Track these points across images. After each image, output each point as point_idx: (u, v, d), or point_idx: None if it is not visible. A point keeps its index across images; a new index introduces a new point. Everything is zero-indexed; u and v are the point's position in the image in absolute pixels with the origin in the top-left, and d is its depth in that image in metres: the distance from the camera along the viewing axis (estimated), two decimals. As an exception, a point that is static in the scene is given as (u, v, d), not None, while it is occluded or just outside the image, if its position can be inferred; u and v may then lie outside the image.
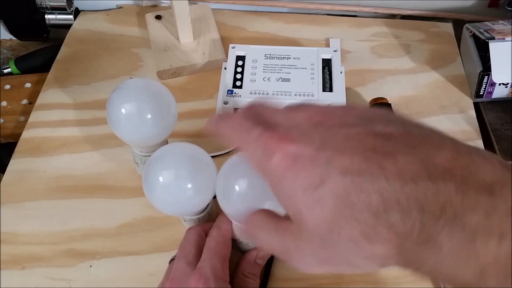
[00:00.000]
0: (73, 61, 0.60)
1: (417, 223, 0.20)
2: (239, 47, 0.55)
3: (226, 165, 0.34)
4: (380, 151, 0.21)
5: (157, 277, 0.42)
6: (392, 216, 0.20)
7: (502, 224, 0.19)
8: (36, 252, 0.44)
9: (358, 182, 0.21)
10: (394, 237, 0.21)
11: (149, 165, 0.37)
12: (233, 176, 0.33)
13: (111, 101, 0.40)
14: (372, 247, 0.21)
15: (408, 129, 0.23)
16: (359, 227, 0.21)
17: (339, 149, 0.22)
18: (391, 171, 0.21)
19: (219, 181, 0.34)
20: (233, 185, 0.32)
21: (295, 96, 0.50)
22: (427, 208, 0.20)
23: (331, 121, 0.24)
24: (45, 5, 0.63)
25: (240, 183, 0.32)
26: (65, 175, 0.49)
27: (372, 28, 0.63)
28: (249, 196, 0.31)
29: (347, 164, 0.21)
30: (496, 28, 0.53)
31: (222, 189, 0.34)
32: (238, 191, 0.32)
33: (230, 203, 0.33)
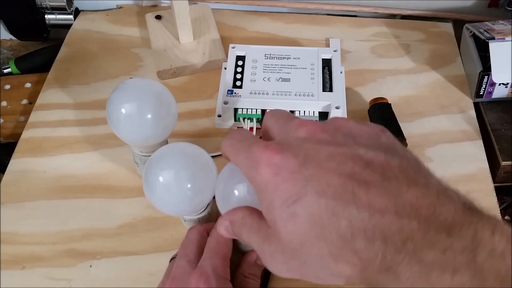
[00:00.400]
0: (73, 61, 0.60)
1: (380, 253, 0.22)
2: (239, 47, 0.55)
3: (225, 169, 0.34)
4: (356, 178, 0.23)
5: (157, 277, 0.42)
6: (358, 243, 0.22)
7: (455, 261, 0.21)
8: (36, 252, 0.44)
9: (331, 205, 0.22)
10: (358, 261, 0.22)
11: (149, 165, 0.37)
12: (233, 181, 0.33)
13: (111, 101, 0.40)
14: (337, 267, 0.23)
15: (388, 159, 0.24)
16: (327, 247, 0.22)
17: (320, 168, 0.23)
18: (362, 200, 0.22)
19: (218, 185, 0.34)
20: (233, 190, 0.32)
21: (295, 96, 0.50)
22: (389, 240, 0.21)
23: (320, 136, 0.25)
24: (45, 5, 0.63)
25: (240, 188, 0.32)
26: (65, 175, 0.49)
27: (372, 28, 0.63)
28: (248, 201, 0.31)
29: (323, 186, 0.23)
30: (496, 28, 0.53)
31: (222, 193, 0.34)
32: (238, 195, 0.32)
33: (229, 207, 0.33)
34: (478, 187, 0.47)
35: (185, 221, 0.43)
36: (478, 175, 0.48)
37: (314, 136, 0.25)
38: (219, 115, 0.52)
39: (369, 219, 0.22)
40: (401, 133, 0.49)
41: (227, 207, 0.33)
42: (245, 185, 0.32)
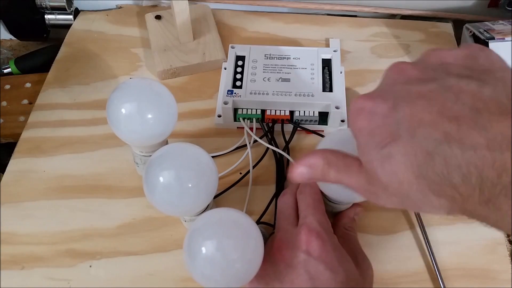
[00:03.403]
0: (73, 61, 0.60)
1: (477, 187, 0.22)
2: (239, 47, 0.55)
3: None
4: (446, 114, 0.22)
5: (157, 277, 0.42)
6: (455, 179, 0.22)
7: None
8: (35, 252, 0.44)
9: (424, 145, 0.23)
10: (458, 195, 0.23)
11: (150, 166, 0.37)
12: None
13: (111, 101, 0.40)
14: (439, 200, 0.24)
15: (480, 87, 0.23)
16: (427, 184, 0.23)
17: (410, 109, 0.23)
18: (453, 136, 0.22)
19: None
20: None
21: (295, 96, 0.50)
22: (484, 175, 0.21)
23: (409, 74, 0.26)
24: (45, 5, 0.63)
25: None
26: (65, 175, 0.49)
27: (372, 28, 0.63)
28: None
29: (415, 126, 0.23)
30: (496, 28, 0.53)
31: None
32: None
33: None
34: (478, 187, 0.47)
35: (186, 221, 0.43)
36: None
37: (403, 76, 0.26)
38: (219, 115, 0.52)
39: (462, 155, 0.22)
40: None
41: None
42: None
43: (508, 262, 0.43)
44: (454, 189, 0.22)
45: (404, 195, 0.25)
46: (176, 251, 0.44)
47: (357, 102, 0.26)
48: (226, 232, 0.33)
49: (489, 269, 0.42)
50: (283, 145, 0.50)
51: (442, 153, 0.22)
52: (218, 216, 0.34)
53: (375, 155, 0.25)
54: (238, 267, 0.32)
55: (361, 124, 0.26)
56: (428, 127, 0.23)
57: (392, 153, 0.24)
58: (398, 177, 0.24)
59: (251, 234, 0.33)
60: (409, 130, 0.23)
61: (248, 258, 0.33)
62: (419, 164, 0.23)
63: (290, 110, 0.50)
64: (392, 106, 0.24)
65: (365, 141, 0.26)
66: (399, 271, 0.42)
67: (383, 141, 0.24)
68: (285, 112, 0.50)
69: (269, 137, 0.50)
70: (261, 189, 0.48)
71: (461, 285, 0.41)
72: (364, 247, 0.40)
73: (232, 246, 0.32)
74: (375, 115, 0.25)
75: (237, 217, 0.34)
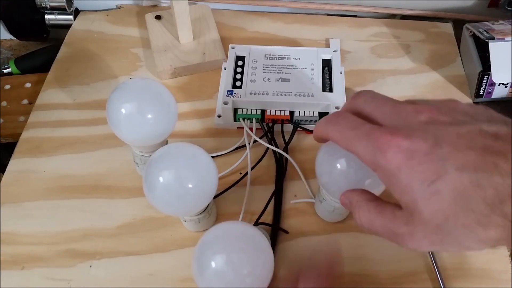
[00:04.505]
0: (73, 61, 0.60)
1: None
2: (239, 47, 0.55)
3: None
4: (491, 150, 0.24)
5: (157, 277, 0.42)
6: (506, 207, 0.23)
7: None
8: (35, 252, 0.44)
9: (475, 178, 0.24)
10: (508, 223, 0.23)
11: (149, 166, 0.37)
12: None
13: (111, 101, 0.40)
14: (486, 232, 0.24)
15: (509, 129, 0.25)
16: (475, 216, 0.24)
17: (453, 146, 0.25)
18: (504, 168, 0.23)
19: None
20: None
21: (295, 96, 0.50)
22: None
23: (441, 118, 0.26)
24: (45, 5, 0.63)
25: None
26: (65, 175, 0.49)
27: (372, 28, 0.63)
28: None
29: (463, 161, 0.24)
30: (496, 28, 0.53)
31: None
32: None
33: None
34: (478, 187, 0.47)
35: (186, 221, 0.43)
36: (478, 175, 0.48)
37: (436, 120, 0.27)
38: (219, 115, 0.52)
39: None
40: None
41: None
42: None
43: (508, 262, 0.43)
44: (505, 217, 0.23)
45: (446, 232, 0.25)
46: (176, 251, 0.44)
47: (391, 140, 0.26)
48: (236, 246, 0.33)
49: (489, 269, 0.42)
50: (283, 145, 0.50)
51: (494, 184, 0.23)
52: (228, 229, 0.34)
53: (421, 192, 0.25)
54: (248, 282, 0.32)
55: (400, 162, 0.25)
56: (476, 161, 0.24)
57: (440, 189, 0.24)
58: (445, 213, 0.24)
59: (262, 248, 0.33)
60: (457, 165, 0.24)
61: (258, 273, 0.32)
62: (468, 198, 0.24)
63: (290, 110, 0.50)
64: (433, 144, 0.25)
65: (407, 180, 0.25)
66: (399, 271, 0.42)
67: (429, 178, 0.25)
68: (285, 112, 0.50)
69: (269, 137, 0.50)
70: (261, 189, 0.48)
71: (461, 285, 0.41)
72: (364, 247, 0.40)
73: (242, 261, 0.32)
74: (415, 153, 0.25)
75: (247, 231, 0.34)
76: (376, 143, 0.26)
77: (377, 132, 0.27)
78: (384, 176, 0.27)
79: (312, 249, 0.43)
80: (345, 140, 0.29)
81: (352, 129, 0.29)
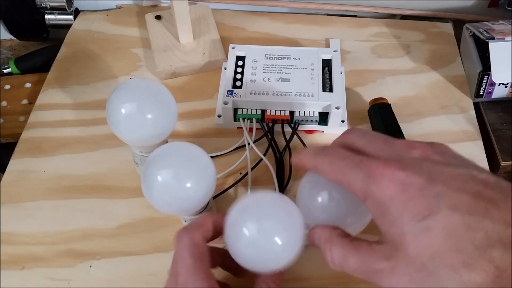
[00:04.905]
0: (73, 61, 0.60)
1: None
2: (239, 47, 0.55)
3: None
4: (483, 196, 0.24)
5: (157, 277, 0.42)
6: (494, 252, 0.23)
7: None
8: (35, 252, 0.44)
9: (467, 219, 0.24)
10: (493, 269, 0.23)
11: (148, 165, 0.37)
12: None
13: (111, 101, 0.40)
14: (470, 275, 0.24)
15: (497, 180, 0.26)
16: (461, 257, 0.24)
17: (447, 186, 0.25)
18: (495, 214, 0.24)
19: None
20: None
21: (295, 96, 0.50)
22: None
23: (435, 157, 0.27)
24: (45, 5, 0.63)
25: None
26: (65, 175, 0.49)
27: (372, 28, 0.63)
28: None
29: (456, 202, 0.24)
30: (496, 28, 0.53)
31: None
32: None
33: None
34: (478, 187, 0.47)
35: (185, 221, 0.43)
36: (478, 175, 0.48)
37: (429, 158, 0.27)
38: (219, 115, 0.52)
39: (504, 230, 0.23)
40: (401, 134, 0.49)
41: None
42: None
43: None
44: (491, 262, 0.23)
45: (429, 271, 0.24)
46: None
47: (384, 170, 0.26)
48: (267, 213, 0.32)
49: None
50: (283, 145, 0.50)
51: (485, 228, 0.23)
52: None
53: (410, 227, 0.25)
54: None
55: (393, 192, 0.25)
56: (469, 204, 0.24)
57: (431, 226, 0.24)
58: (432, 250, 0.24)
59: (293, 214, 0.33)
60: (450, 205, 0.24)
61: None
62: (457, 238, 0.24)
63: (290, 110, 0.50)
64: (427, 180, 0.25)
65: (398, 212, 0.25)
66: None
67: (421, 213, 0.24)
68: (285, 112, 0.50)
69: (269, 137, 0.50)
70: (261, 189, 0.48)
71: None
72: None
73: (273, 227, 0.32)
74: (409, 186, 0.25)
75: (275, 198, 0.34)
76: (369, 171, 0.26)
77: (370, 161, 0.27)
78: (374, 205, 0.26)
79: None
80: (335, 170, 0.29)
81: (343, 159, 0.28)
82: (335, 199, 0.33)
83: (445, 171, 0.26)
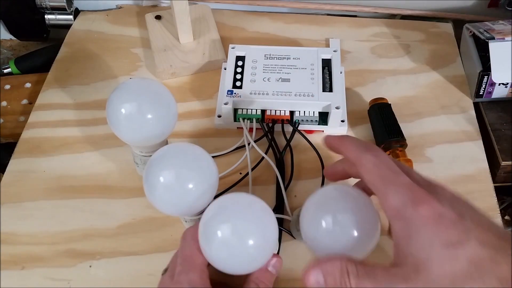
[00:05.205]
0: (73, 61, 0.60)
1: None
2: (239, 47, 0.55)
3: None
4: (505, 238, 0.27)
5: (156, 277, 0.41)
6: None
7: None
8: (35, 252, 0.44)
9: (493, 253, 0.26)
10: None
11: (150, 166, 0.37)
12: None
13: (111, 101, 0.40)
14: None
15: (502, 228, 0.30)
16: (483, 286, 0.25)
17: (476, 223, 0.27)
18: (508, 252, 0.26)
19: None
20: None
21: (295, 96, 0.50)
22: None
23: (461, 199, 0.30)
24: (45, 5, 0.63)
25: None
26: (65, 175, 0.49)
27: (372, 28, 0.63)
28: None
29: (484, 237, 0.27)
30: (496, 28, 0.53)
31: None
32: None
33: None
34: (478, 187, 0.47)
35: (186, 221, 0.43)
36: (478, 175, 0.48)
37: (458, 198, 0.30)
38: (219, 115, 0.52)
39: None
40: (401, 134, 0.49)
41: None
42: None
43: (508, 262, 0.43)
44: None
45: None
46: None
47: (427, 197, 0.28)
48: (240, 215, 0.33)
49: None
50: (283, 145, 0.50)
51: (508, 262, 0.25)
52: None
53: (438, 252, 0.26)
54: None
55: (428, 219, 0.27)
56: (495, 241, 0.26)
57: (459, 255, 0.26)
58: (455, 277, 0.26)
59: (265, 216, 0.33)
60: (479, 239, 0.26)
61: None
62: (482, 269, 0.25)
63: (290, 110, 0.50)
64: (459, 215, 0.27)
65: (429, 238, 0.27)
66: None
67: (451, 242, 0.26)
68: (285, 112, 0.50)
69: (269, 137, 0.50)
70: (261, 189, 0.48)
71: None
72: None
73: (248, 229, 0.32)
74: (443, 218, 0.27)
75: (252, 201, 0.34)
76: (412, 195, 0.28)
77: (416, 187, 0.29)
78: (404, 226, 0.28)
79: None
80: (378, 176, 0.30)
81: (392, 171, 0.30)
82: (348, 226, 0.33)
83: (471, 211, 0.29)
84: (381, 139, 0.49)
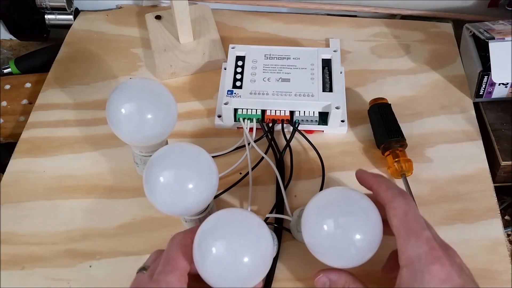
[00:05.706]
0: (73, 61, 0.60)
1: None
2: (239, 47, 0.55)
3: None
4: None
5: (157, 277, 0.42)
6: None
7: None
8: (35, 252, 0.44)
9: None
10: None
11: (150, 166, 0.37)
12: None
13: (111, 101, 0.40)
14: None
15: None
16: None
17: (467, 277, 0.32)
18: None
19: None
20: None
21: (295, 96, 0.50)
22: None
23: (468, 270, 0.34)
24: (45, 5, 0.63)
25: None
26: (65, 175, 0.49)
27: (372, 28, 0.63)
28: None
29: None
30: (496, 28, 0.53)
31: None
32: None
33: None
34: (478, 187, 0.47)
35: (186, 221, 0.43)
36: (478, 175, 0.48)
37: (464, 267, 0.34)
38: (219, 115, 0.52)
39: None
40: (401, 134, 0.49)
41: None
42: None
43: (508, 262, 0.43)
44: None
45: None
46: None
47: (440, 258, 0.32)
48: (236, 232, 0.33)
49: (489, 269, 0.42)
50: (283, 146, 0.50)
51: None
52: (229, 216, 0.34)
53: None
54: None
55: (436, 276, 0.31)
56: None
57: None
58: None
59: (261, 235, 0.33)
60: None
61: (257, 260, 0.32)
62: None
63: (290, 110, 0.50)
64: (463, 282, 0.32)
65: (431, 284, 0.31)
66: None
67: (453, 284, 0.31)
68: (285, 112, 0.50)
69: (269, 137, 0.50)
70: (261, 189, 0.48)
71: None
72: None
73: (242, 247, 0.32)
74: (451, 279, 0.31)
75: (247, 217, 0.34)
76: (430, 251, 0.32)
77: (435, 244, 0.32)
78: (413, 277, 0.31)
79: None
80: (406, 225, 0.33)
81: (418, 223, 0.33)
82: (351, 230, 0.34)
83: (474, 286, 0.33)
84: (381, 139, 0.49)
